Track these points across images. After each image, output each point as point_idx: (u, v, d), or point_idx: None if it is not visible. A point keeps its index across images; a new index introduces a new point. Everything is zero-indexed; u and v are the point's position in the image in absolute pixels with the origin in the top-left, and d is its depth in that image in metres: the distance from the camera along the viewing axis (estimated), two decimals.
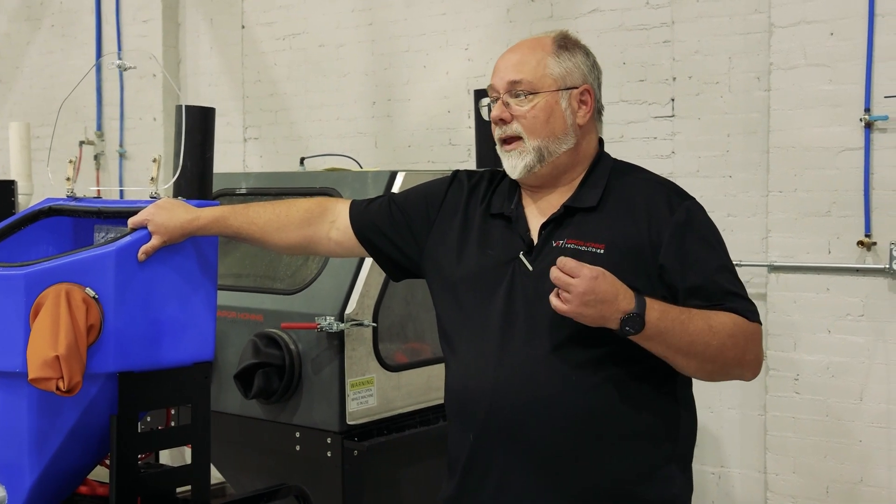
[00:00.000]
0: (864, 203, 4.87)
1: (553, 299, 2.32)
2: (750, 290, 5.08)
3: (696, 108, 5.43)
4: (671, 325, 2.36)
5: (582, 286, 2.27)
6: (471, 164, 5.68)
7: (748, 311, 2.48)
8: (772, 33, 5.08)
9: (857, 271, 4.93)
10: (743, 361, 2.49)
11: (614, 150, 5.48)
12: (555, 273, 2.31)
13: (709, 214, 5.23)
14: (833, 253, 4.97)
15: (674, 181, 5.26)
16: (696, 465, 5.36)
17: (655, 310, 2.34)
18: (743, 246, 5.28)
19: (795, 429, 5.10)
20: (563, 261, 2.30)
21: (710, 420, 5.46)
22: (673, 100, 5.52)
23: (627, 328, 2.33)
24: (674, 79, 5.50)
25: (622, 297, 2.31)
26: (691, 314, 2.40)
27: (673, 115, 5.53)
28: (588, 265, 2.29)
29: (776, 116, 5.08)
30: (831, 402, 5.01)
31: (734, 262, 4.97)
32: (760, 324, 2.51)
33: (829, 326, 5.00)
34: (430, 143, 6.50)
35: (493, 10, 6.22)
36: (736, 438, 5.42)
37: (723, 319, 2.43)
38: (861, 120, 4.86)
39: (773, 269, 5.13)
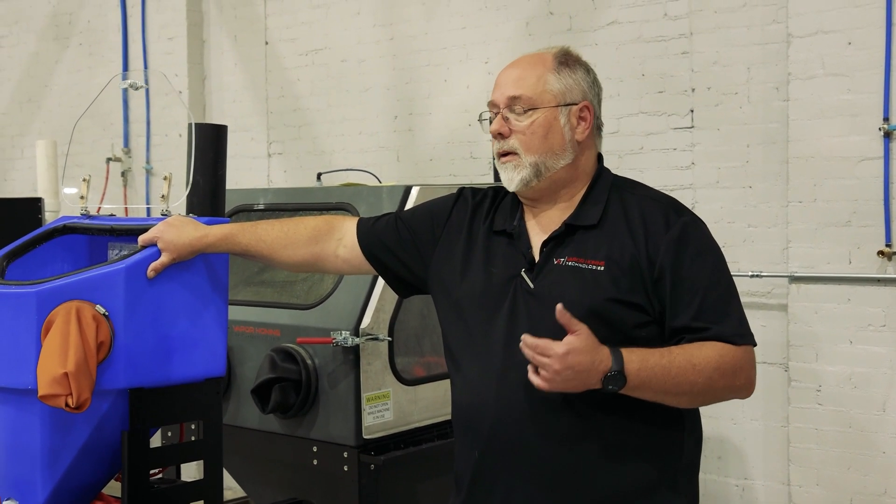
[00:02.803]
0: (884, 212, 4.84)
1: (533, 378, 2.34)
2: (770, 301, 5.16)
3: (715, 118, 5.41)
4: (653, 372, 2.37)
5: (556, 365, 2.29)
6: (491, 178, 5.70)
7: (736, 334, 2.47)
8: (790, 43, 5.06)
9: (878, 281, 4.90)
10: (734, 387, 2.50)
11: (634, 161, 5.58)
12: (528, 353, 2.32)
13: (728, 225, 5.25)
14: (854, 263, 4.95)
15: (693, 192, 5.34)
16: (719, 478, 5.40)
17: (634, 361, 2.36)
18: (763, 256, 5.27)
19: (818, 440, 5.07)
20: (532, 341, 2.31)
21: (732, 432, 5.44)
22: (692, 111, 5.51)
23: (611, 386, 2.35)
24: (692, 90, 5.49)
25: (598, 360, 2.33)
26: (672, 356, 2.41)
27: (692, 127, 5.52)
28: (557, 343, 2.30)
29: (795, 126, 5.06)
30: (854, 413, 4.98)
31: (754, 274, 5.09)
32: (751, 344, 2.51)
33: (850, 337, 4.97)
34: (452, 157, 6.52)
35: (513, 23, 6.24)
36: (759, 450, 5.39)
37: (707, 353, 2.43)
38: (880, 129, 4.83)
39: (794, 279, 5.10)
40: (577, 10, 5.96)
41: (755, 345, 2.52)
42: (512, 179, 2.61)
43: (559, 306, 2.31)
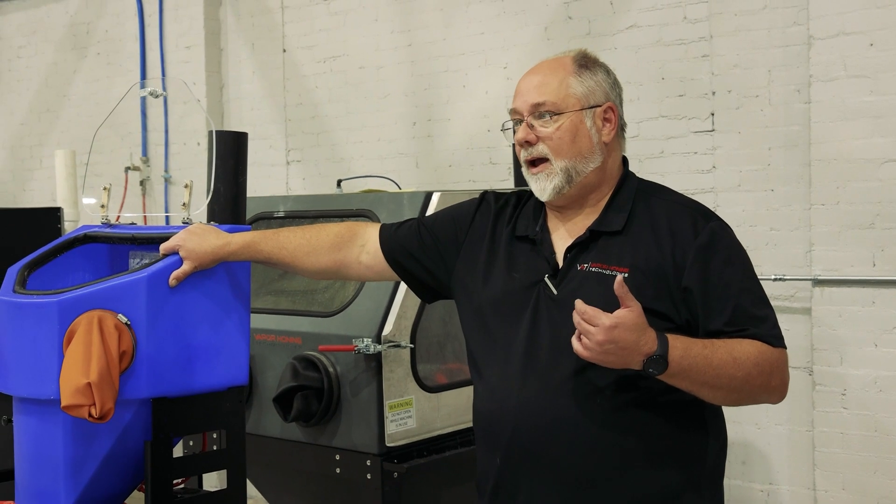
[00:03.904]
0: None
1: (575, 343, 2.31)
2: (794, 305, 5.13)
3: (737, 122, 5.38)
4: (694, 361, 2.34)
5: (600, 336, 2.26)
6: (511, 183, 5.67)
7: (772, 336, 2.45)
8: (811, 45, 5.03)
9: None
10: (769, 388, 2.47)
11: (654, 165, 5.55)
12: (576, 318, 2.29)
13: (750, 229, 5.21)
14: (878, 265, 4.90)
15: (715, 196, 5.30)
16: (744, 483, 5.36)
17: (678, 348, 2.33)
18: (786, 260, 5.23)
19: (844, 444, 5.03)
20: (582, 307, 2.29)
21: (757, 437, 5.40)
22: (713, 114, 5.48)
23: (651, 370, 2.31)
24: (713, 93, 5.46)
25: (643, 341, 2.29)
26: (714, 347, 2.38)
27: (713, 130, 5.49)
28: (606, 314, 2.26)
29: (817, 129, 5.02)
30: (880, 416, 4.94)
31: (777, 277, 5.07)
32: (785, 348, 2.48)
33: (875, 340, 4.93)
34: (471, 163, 6.50)
35: (532, 28, 6.22)
36: (784, 455, 5.35)
37: (746, 349, 2.40)
38: None
39: (818, 282, 5.06)
40: (596, 14, 5.94)
41: (786, 349, 2.50)
42: (544, 189, 2.58)
43: (619, 278, 2.29)
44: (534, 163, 2.60)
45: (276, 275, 4.47)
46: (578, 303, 2.29)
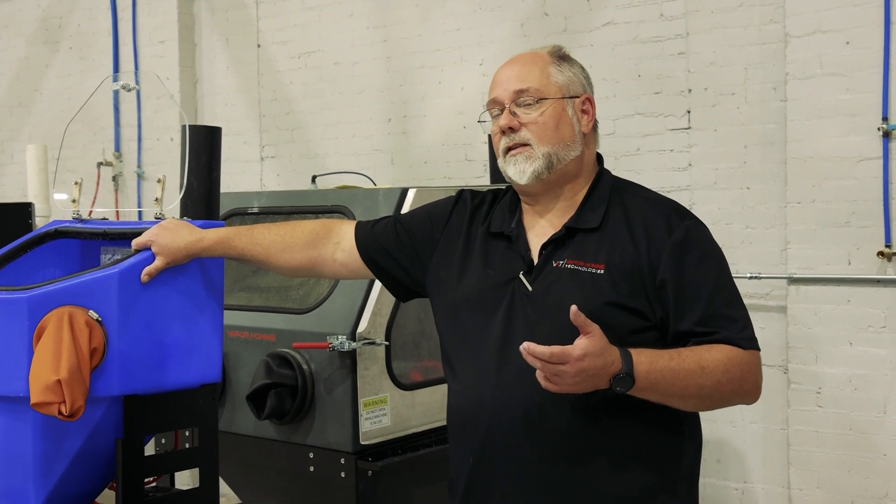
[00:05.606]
0: (883, 213, 4.80)
1: (543, 382, 2.25)
2: (769, 303, 5.13)
3: (713, 119, 5.38)
4: (661, 374, 2.32)
5: (573, 370, 2.22)
6: (486, 180, 5.66)
7: (742, 338, 2.43)
8: (787, 43, 5.03)
9: (877, 282, 4.86)
10: (741, 392, 2.45)
11: (630, 163, 5.54)
12: (540, 365, 2.22)
13: (726, 227, 5.22)
14: (853, 264, 4.91)
15: (691, 194, 5.30)
16: (718, 481, 5.36)
17: (643, 363, 2.30)
18: (762, 258, 5.23)
19: (818, 443, 5.03)
20: (533, 350, 2.20)
21: (732, 435, 5.40)
22: (689, 112, 5.48)
23: (618, 388, 2.29)
24: (689, 91, 5.45)
25: (610, 362, 2.26)
26: (682, 357, 2.35)
27: (689, 128, 5.48)
28: (571, 348, 2.20)
29: (793, 127, 5.02)
30: (854, 415, 4.94)
31: (753, 275, 5.07)
32: (758, 349, 2.46)
33: (850, 338, 4.93)
34: (447, 159, 6.47)
35: (508, 24, 6.20)
36: (759, 453, 5.35)
37: (715, 356, 2.38)
38: (879, 129, 4.79)
39: (793, 281, 5.06)
40: (573, 10, 5.92)
41: (759, 350, 2.48)
42: (524, 172, 2.54)
43: (573, 308, 2.23)
44: (514, 147, 2.57)
45: (250, 271, 4.44)
46: (531, 346, 2.21)
